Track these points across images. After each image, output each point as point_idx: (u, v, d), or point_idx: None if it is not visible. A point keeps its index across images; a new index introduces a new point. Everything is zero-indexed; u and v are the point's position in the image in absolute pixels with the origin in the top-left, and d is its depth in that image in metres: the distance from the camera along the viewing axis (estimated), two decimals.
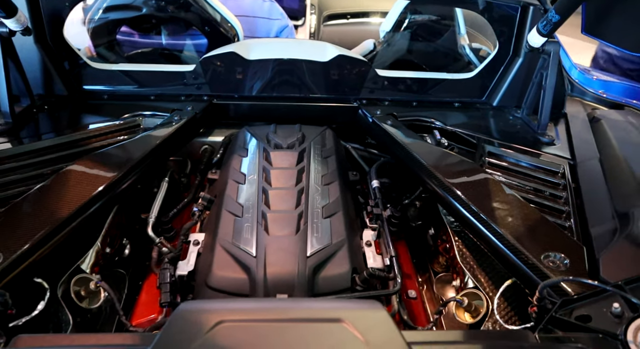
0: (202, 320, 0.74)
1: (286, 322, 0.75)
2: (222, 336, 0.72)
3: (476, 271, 1.31)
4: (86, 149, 1.47)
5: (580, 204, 1.31)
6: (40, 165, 1.38)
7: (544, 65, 1.64)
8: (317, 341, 0.72)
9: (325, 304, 0.84)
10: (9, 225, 1.10)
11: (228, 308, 0.78)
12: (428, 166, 1.44)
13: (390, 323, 0.76)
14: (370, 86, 1.86)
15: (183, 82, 1.83)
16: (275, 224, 1.27)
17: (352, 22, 3.61)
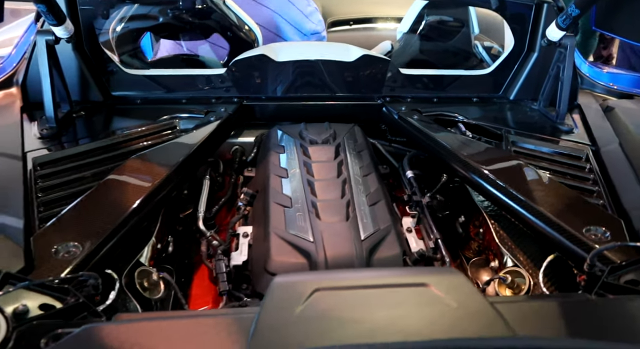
0: (299, 289, 0.80)
1: (376, 288, 0.81)
2: (321, 303, 0.78)
3: (515, 251, 1.38)
4: (131, 149, 1.53)
5: (609, 183, 1.40)
6: (92, 165, 1.43)
7: (560, 58, 1.74)
8: (408, 302, 0.79)
9: (408, 272, 0.90)
10: (81, 220, 1.15)
11: (321, 278, 0.84)
12: (461, 155, 1.52)
13: (470, 285, 0.83)
14: (392, 84, 1.94)
15: (213, 85, 1.89)
16: (325, 212, 1.33)
17: (355, 28, 3.70)
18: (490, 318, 0.76)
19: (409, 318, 0.75)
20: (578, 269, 1.15)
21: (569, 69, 1.71)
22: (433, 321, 0.75)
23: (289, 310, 0.77)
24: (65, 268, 1.02)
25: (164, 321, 0.78)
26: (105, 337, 0.71)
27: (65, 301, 0.93)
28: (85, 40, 1.74)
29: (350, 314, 0.76)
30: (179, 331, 0.74)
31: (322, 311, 0.77)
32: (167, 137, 1.63)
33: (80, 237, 1.09)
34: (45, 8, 1.38)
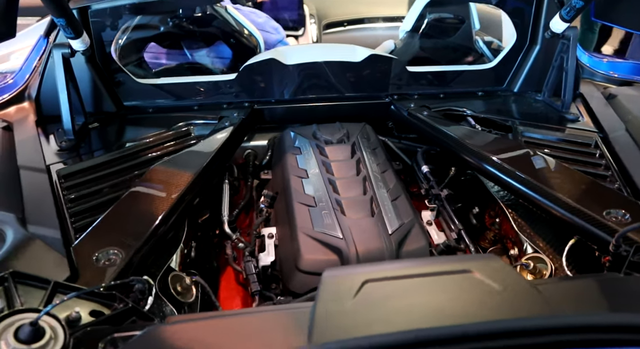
0: (350, 281, 0.83)
1: (423, 276, 0.84)
2: (372, 293, 0.81)
3: (534, 238, 1.42)
4: (150, 157, 1.55)
5: (622, 167, 1.44)
6: (115, 175, 1.45)
7: (563, 49, 1.79)
8: (455, 289, 0.82)
9: (450, 260, 0.93)
10: (116, 228, 1.17)
11: (368, 270, 0.87)
12: (475, 147, 1.56)
13: (510, 269, 0.86)
14: (399, 82, 1.98)
15: (224, 91, 1.92)
16: (351, 209, 1.36)
17: (350, 28, 3.76)
18: (535, 298, 0.79)
19: (458, 303, 0.78)
20: (602, 251, 1.19)
21: (572, 60, 1.76)
22: (482, 305, 0.78)
23: (343, 301, 0.80)
24: (108, 275, 1.04)
25: (226, 319, 0.80)
26: (173, 337, 0.74)
27: (114, 306, 0.95)
28: (97, 52, 1.76)
29: (401, 302, 0.79)
30: (242, 327, 0.77)
31: (375, 301, 0.80)
32: (184, 144, 1.65)
33: (118, 244, 1.11)
34: (64, 22, 1.40)
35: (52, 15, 1.40)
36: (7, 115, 1.78)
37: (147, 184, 1.35)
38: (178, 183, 1.36)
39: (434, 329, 0.70)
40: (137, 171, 1.48)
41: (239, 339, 0.74)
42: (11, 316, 0.83)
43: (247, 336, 0.75)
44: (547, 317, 0.73)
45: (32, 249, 1.02)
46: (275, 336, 0.75)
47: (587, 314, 0.73)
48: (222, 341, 0.72)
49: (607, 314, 0.73)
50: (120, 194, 1.37)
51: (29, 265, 0.98)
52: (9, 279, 0.90)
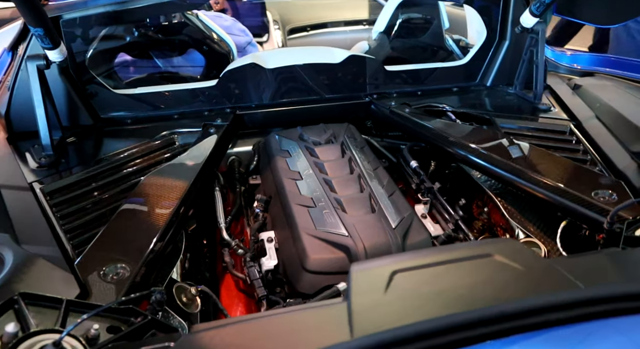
0: (379, 273, 0.84)
1: (448, 263, 0.86)
2: (403, 283, 0.82)
3: (524, 223, 1.48)
4: (138, 169, 1.51)
5: (599, 151, 1.53)
6: (103, 188, 1.40)
7: (532, 43, 1.88)
8: (481, 272, 0.84)
9: (469, 246, 0.95)
10: (118, 242, 1.13)
11: (395, 261, 0.88)
12: (460, 140, 1.61)
13: (528, 250, 0.89)
14: (378, 82, 2.01)
15: (204, 98, 1.89)
16: (351, 207, 1.37)
17: (314, 33, 3.79)
18: (557, 275, 0.83)
19: (487, 286, 0.81)
20: (594, 230, 1.26)
21: (542, 53, 1.85)
22: (509, 285, 0.81)
23: (375, 293, 0.80)
24: (119, 289, 1.00)
25: (257, 321, 0.78)
26: (214, 343, 0.72)
27: (130, 321, 0.92)
28: (71, 64, 1.69)
29: (433, 289, 0.81)
30: (278, 327, 0.76)
31: (407, 290, 0.81)
32: (170, 154, 1.61)
33: (123, 259, 1.07)
34: (42, 31, 1.34)
35: (29, 24, 1.34)
36: None
37: (142, 196, 1.31)
38: (174, 194, 1.33)
39: (473, 312, 0.72)
40: (127, 183, 1.43)
41: (280, 338, 0.73)
42: (30, 338, 0.79)
43: (286, 335, 0.74)
44: (575, 291, 0.76)
45: (35, 269, 0.97)
46: (316, 333, 0.75)
47: (612, 285, 0.77)
48: (265, 342, 0.71)
49: (629, 284, 0.77)
50: (114, 207, 1.32)
51: (34, 285, 0.93)
52: (19, 301, 0.85)
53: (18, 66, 1.61)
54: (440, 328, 0.70)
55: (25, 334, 0.79)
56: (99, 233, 1.16)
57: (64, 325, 0.85)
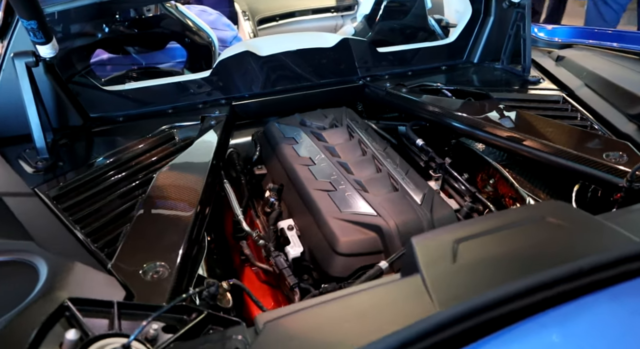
0: (442, 244, 0.84)
1: (506, 229, 0.87)
2: (468, 251, 0.82)
3: (534, 191, 1.53)
4: (142, 166, 1.45)
5: (598, 117, 1.59)
6: (112, 188, 1.34)
7: (518, 17, 1.93)
8: (542, 234, 0.86)
9: (519, 211, 0.97)
10: (148, 240, 1.08)
11: (453, 230, 0.88)
12: (462, 114, 1.63)
13: (575, 208, 0.92)
14: (370, 64, 2.01)
15: (198, 90, 1.83)
16: (373, 187, 1.37)
17: (283, 22, 3.74)
18: (609, 230, 0.86)
19: (552, 246, 0.82)
20: (609, 191, 1.31)
21: (528, 27, 1.91)
22: (571, 243, 0.83)
23: (444, 263, 0.80)
24: (164, 287, 0.95)
25: (328, 305, 0.77)
26: (300, 328, 0.70)
27: (183, 319, 0.88)
28: (57, 61, 1.59)
29: (498, 253, 0.82)
30: (360, 306, 0.75)
31: (474, 257, 0.81)
32: (172, 148, 1.56)
33: (159, 257, 1.02)
34: (37, 24, 1.24)
35: (22, 18, 1.24)
36: None
37: (160, 193, 1.25)
38: (193, 189, 1.28)
39: (554, 271, 0.73)
40: (136, 181, 1.37)
41: (368, 316, 0.72)
42: (92, 343, 0.74)
43: (372, 312, 0.73)
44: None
45: (73, 274, 0.91)
46: (399, 308, 0.74)
47: None
48: (356, 321, 0.70)
49: None
50: (129, 206, 1.27)
51: (76, 290, 0.88)
52: (69, 307, 0.79)
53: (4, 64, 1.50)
54: (522, 290, 0.70)
55: (88, 339, 0.74)
56: (125, 234, 1.10)
57: (116, 327, 0.80)
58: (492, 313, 0.68)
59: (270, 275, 1.43)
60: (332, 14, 3.87)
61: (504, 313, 0.67)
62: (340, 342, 0.65)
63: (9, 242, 0.99)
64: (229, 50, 1.87)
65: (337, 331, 0.68)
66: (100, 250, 1.09)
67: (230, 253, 1.58)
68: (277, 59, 1.85)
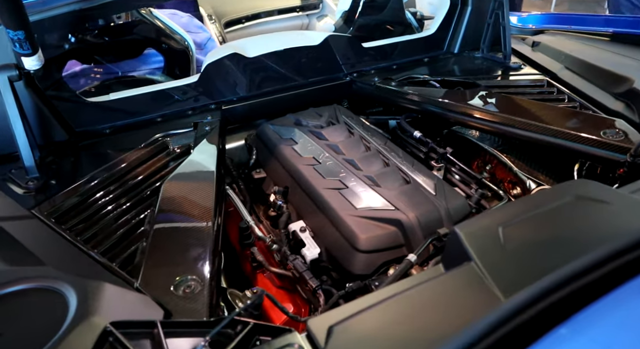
0: (487, 230, 0.84)
1: (546, 213, 0.88)
2: (515, 235, 0.83)
3: (533, 174, 1.57)
4: (141, 178, 1.39)
5: (585, 97, 1.65)
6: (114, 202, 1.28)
7: (496, 6, 1.97)
8: (580, 212, 0.87)
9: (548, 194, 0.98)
10: (171, 253, 1.03)
11: (493, 217, 0.89)
12: (455, 103, 1.65)
13: (603, 186, 0.94)
14: (356, 60, 2.00)
15: (187, 96, 1.77)
16: (385, 181, 1.36)
17: (250, 24, 3.69)
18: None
19: (593, 224, 0.84)
20: (611, 167, 1.35)
21: (507, 15, 1.95)
22: (612, 219, 0.85)
23: (496, 249, 0.80)
24: (199, 301, 0.91)
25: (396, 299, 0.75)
26: (363, 327, 0.68)
27: (227, 332, 0.84)
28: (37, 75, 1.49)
29: (545, 235, 0.83)
30: (424, 300, 0.73)
31: (523, 241, 0.82)
32: (169, 157, 1.50)
33: (188, 271, 0.98)
34: (23, 35, 1.16)
35: (8, 28, 1.15)
36: None
37: (172, 204, 1.20)
38: (205, 198, 1.23)
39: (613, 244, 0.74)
40: (139, 195, 1.31)
41: (437, 309, 0.71)
42: None
43: (439, 305, 0.72)
44: None
45: (104, 296, 0.85)
46: (460, 299, 0.74)
47: None
48: (426, 315, 0.69)
49: None
50: (138, 221, 1.21)
51: (111, 312, 0.82)
52: (112, 332, 0.74)
53: None
54: (588, 265, 0.71)
55: None
56: (143, 250, 1.05)
57: (162, 347, 0.76)
58: (559, 294, 0.68)
59: (285, 280, 1.40)
60: (297, 13, 3.85)
61: (571, 292, 0.67)
62: (424, 337, 0.64)
63: (22, 269, 0.92)
64: (214, 53, 1.81)
65: (414, 328, 0.67)
66: (122, 268, 1.03)
67: (238, 261, 1.54)
68: (265, 59, 1.81)
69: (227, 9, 3.63)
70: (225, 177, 1.67)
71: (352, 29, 2.33)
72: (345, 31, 2.31)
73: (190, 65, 2.18)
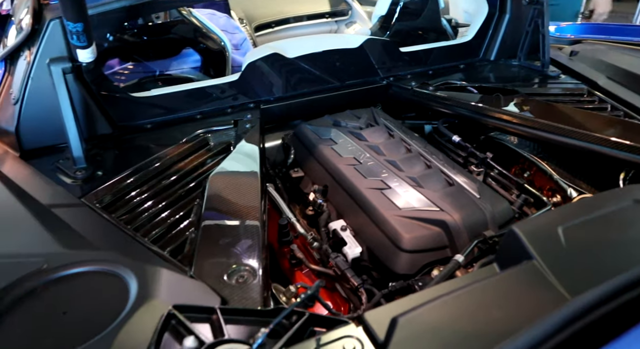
0: (548, 230, 0.83)
1: (606, 216, 0.87)
2: (576, 236, 0.82)
3: (575, 182, 1.55)
4: (187, 170, 1.41)
5: (629, 106, 1.63)
6: (161, 193, 1.30)
7: (536, 14, 1.97)
8: None
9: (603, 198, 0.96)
10: (222, 245, 1.04)
11: (553, 218, 0.88)
12: (500, 109, 1.64)
13: None
14: (393, 64, 2.01)
15: (227, 94, 1.79)
16: (427, 183, 1.36)
17: (279, 29, 3.73)
18: None
19: None
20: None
21: (547, 23, 1.94)
22: None
23: (558, 248, 0.80)
24: (252, 290, 0.92)
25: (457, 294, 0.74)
26: (432, 319, 0.68)
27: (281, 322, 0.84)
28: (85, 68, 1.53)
29: (608, 238, 0.82)
30: (489, 296, 0.73)
31: (585, 242, 0.81)
32: (210, 154, 1.52)
33: (239, 261, 0.99)
34: (82, 27, 1.19)
35: (69, 20, 1.19)
36: None
37: (219, 198, 1.21)
38: (251, 193, 1.24)
39: None
40: (185, 188, 1.32)
41: (502, 305, 0.70)
42: (215, 347, 0.71)
43: (503, 301, 0.72)
44: None
45: (162, 281, 0.86)
46: (523, 296, 0.73)
47: None
48: (490, 310, 0.68)
49: None
50: (186, 212, 1.22)
51: (169, 297, 0.83)
52: (175, 315, 0.75)
53: (27, 74, 1.44)
54: None
55: (207, 346, 0.70)
56: (193, 240, 1.06)
57: (222, 333, 0.76)
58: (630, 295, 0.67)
59: (324, 277, 1.40)
60: (326, 19, 3.88)
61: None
62: (493, 331, 0.64)
63: (84, 252, 0.93)
64: (254, 52, 1.84)
65: (480, 322, 0.67)
66: (175, 255, 1.04)
67: (276, 258, 1.54)
68: (304, 60, 1.83)
69: (257, 13, 3.67)
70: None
71: (389, 34, 2.35)
72: (381, 36, 2.32)
73: (226, 65, 2.21)
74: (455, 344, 0.62)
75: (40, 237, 1.01)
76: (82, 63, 1.35)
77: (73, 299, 0.81)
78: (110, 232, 1.09)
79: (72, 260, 0.87)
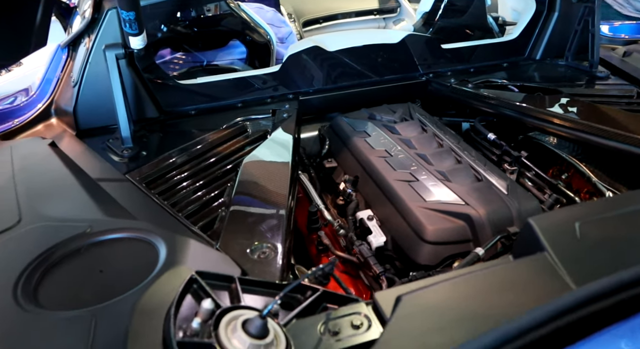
0: (563, 224, 0.83)
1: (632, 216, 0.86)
2: (592, 231, 0.81)
3: (614, 185, 1.50)
4: (225, 154, 1.48)
5: None
6: (198, 174, 1.38)
7: (586, 13, 1.91)
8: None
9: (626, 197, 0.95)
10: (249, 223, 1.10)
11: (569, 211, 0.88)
12: (537, 108, 1.61)
13: None
14: (433, 61, 2.01)
15: (267, 85, 1.86)
16: (456, 177, 1.37)
17: (327, 25, 3.78)
18: None
19: None
20: None
21: (598, 22, 1.88)
22: None
23: (572, 242, 0.80)
24: (272, 265, 0.97)
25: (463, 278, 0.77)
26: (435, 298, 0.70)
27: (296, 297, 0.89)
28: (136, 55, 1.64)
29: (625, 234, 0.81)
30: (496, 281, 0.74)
31: (601, 238, 0.81)
32: (247, 140, 1.59)
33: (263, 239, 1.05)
34: (134, 15, 1.29)
35: (123, 9, 1.29)
36: (40, 133, 1.62)
37: (251, 181, 1.28)
38: (281, 179, 1.30)
39: None
40: (220, 170, 1.40)
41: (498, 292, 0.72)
42: (228, 312, 0.76)
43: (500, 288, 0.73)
44: None
45: (189, 251, 0.93)
46: (529, 284, 0.74)
47: None
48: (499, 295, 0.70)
49: None
50: (219, 192, 1.30)
51: (195, 265, 0.90)
52: (197, 280, 0.81)
53: (86, 59, 1.56)
54: None
55: (223, 309, 0.76)
56: (222, 218, 1.13)
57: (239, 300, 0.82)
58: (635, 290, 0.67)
59: (348, 265, 1.44)
60: (374, 16, 3.89)
61: None
62: (492, 314, 0.66)
63: (122, 221, 1.02)
64: (296, 45, 1.90)
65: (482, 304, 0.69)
66: (205, 231, 1.12)
67: (304, 244, 1.59)
68: (344, 54, 1.87)
69: (306, 9, 3.74)
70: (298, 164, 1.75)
71: (432, 31, 2.34)
72: (424, 32, 2.32)
73: (271, 57, 2.28)
74: (452, 321, 0.64)
75: (87, 206, 1.11)
76: (134, 50, 1.45)
77: (110, 260, 0.89)
78: (149, 205, 1.17)
79: (112, 227, 0.95)
